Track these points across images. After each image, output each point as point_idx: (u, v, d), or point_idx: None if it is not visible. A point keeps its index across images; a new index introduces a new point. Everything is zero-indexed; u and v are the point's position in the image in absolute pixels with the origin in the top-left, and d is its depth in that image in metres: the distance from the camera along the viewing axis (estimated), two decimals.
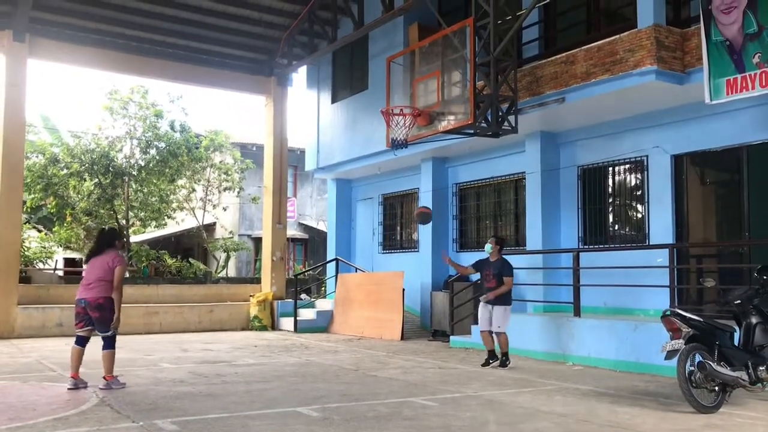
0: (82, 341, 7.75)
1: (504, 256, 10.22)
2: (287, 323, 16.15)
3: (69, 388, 7.52)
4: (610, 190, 12.24)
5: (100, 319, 7.63)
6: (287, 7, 16.06)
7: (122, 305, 7.77)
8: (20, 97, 14.46)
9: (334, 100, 17.31)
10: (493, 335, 9.97)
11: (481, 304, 10.14)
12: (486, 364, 9.87)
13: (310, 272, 21.56)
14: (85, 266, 7.84)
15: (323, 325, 15.98)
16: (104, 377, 7.63)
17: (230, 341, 13.50)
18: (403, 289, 14.09)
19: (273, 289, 16.94)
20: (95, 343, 7.75)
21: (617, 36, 10.13)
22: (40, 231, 24.37)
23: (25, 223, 18.32)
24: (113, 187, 20.50)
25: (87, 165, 20.02)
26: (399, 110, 11.83)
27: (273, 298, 16.76)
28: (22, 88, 14.45)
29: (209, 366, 9.78)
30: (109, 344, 7.69)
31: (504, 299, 9.96)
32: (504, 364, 9.79)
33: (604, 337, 9.92)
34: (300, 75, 18.45)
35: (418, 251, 15.83)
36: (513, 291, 10.46)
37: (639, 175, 11.66)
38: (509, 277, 9.97)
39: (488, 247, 10.27)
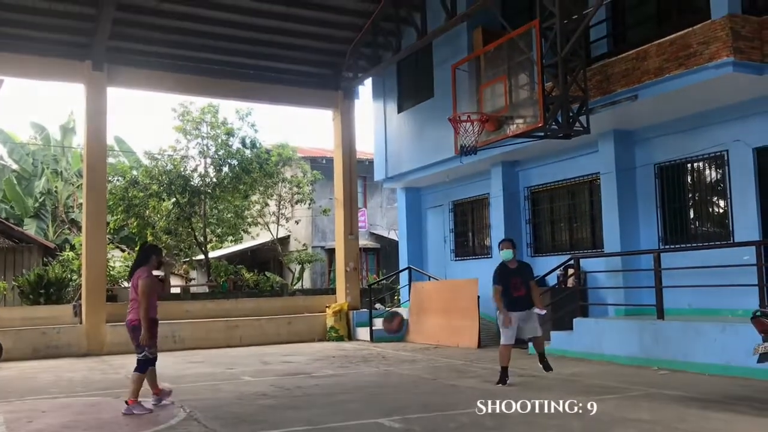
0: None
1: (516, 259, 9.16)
2: (363, 333, 16.26)
3: (153, 404, 7.59)
4: (689, 187, 11.84)
5: (134, 341, 7.52)
6: (351, 21, 16.27)
7: (204, 320, 7.92)
8: (101, 124, 15.13)
9: (400, 110, 17.39)
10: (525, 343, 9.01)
11: (514, 316, 8.84)
12: (504, 382, 8.70)
13: (384, 282, 21.66)
14: None
15: (399, 334, 16.02)
16: (126, 401, 7.35)
17: (309, 352, 13.68)
18: (478, 297, 13.99)
19: (348, 300, 17.11)
20: (182, 359, 7.96)
21: (690, 28, 9.83)
22: (123, 251, 25.37)
23: (108, 244, 19.06)
24: (191, 206, 21.16)
25: (165, 185, 20.73)
26: (466, 117, 11.76)
27: (348, 308, 16.91)
28: (102, 116, 15.11)
29: (290, 378, 9.94)
30: (140, 367, 7.48)
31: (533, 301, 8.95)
32: (550, 366, 9.01)
33: (690, 340, 9.57)
34: (366, 87, 18.64)
35: (491, 257, 15.67)
36: (592, 294, 9.96)
37: (720, 170, 11.24)
38: (533, 281, 9.04)
39: (508, 253, 8.98)
